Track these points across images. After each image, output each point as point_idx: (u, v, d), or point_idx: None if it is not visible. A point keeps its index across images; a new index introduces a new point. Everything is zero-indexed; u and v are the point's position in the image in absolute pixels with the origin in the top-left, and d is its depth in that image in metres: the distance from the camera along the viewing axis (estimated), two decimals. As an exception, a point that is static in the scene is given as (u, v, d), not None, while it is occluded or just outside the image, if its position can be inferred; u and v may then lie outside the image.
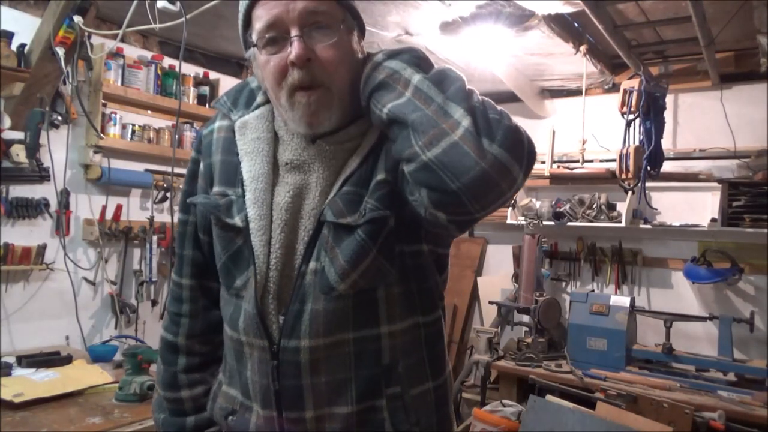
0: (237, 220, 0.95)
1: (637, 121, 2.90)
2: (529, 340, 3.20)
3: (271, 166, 0.96)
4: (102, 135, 2.69)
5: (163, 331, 1.15)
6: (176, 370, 1.11)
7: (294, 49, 0.87)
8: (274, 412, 0.93)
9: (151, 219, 2.95)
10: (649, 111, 2.88)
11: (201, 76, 3.27)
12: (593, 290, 3.50)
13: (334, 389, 0.92)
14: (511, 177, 0.80)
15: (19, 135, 2.42)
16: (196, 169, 1.07)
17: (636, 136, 2.92)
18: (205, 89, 3.26)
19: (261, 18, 0.90)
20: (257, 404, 0.96)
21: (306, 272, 0.91)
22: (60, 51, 2.35)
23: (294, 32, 0.87)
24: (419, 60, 0.90)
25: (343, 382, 0.92)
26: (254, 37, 0.92)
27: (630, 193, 3.13)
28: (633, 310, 3.03)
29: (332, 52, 0.89)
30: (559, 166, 3.54)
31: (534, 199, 3.67)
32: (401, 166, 0.87)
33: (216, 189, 1.00)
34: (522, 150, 0.82)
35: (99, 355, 2.38)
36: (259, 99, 1.03)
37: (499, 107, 0.85)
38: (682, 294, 3.32)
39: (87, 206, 2.80)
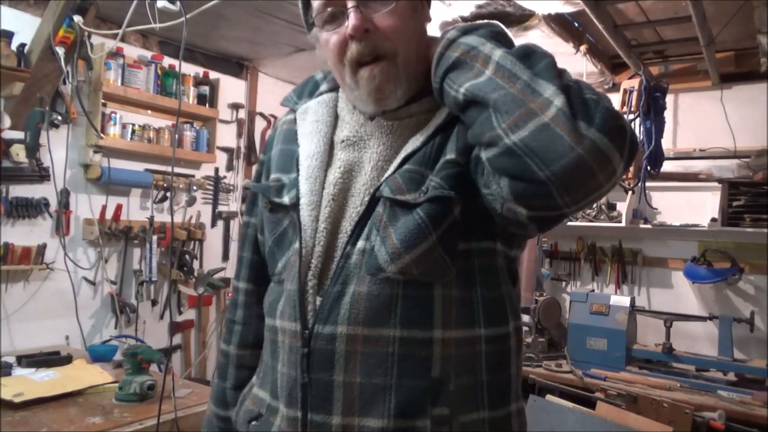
0: (285, 199, 0.91)
1: (637, 121, 2.90)
2: (529, 340, 3.20)
3: (327, 146, 0.92)
4: (102, 135, 2.69)
5: (221, 343, 1.11)
6: (226, 385, 1.06)
7: (351, 21, 0.82)
8: (299, 412, 0.83)
9: (151, 219, 2.95)
10: (649, 111, 2.88)
11: (201, 76, 3.27)
12: (593, 290, 3.50)
13: (370, 395, 0.80)
14: (611, 167, 0.70)
15: (19, 135, 2.42)
16: (261, 169, 1.05)
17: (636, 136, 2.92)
18: (205, 89, 3.26)
19: None
20: (283, 403, 0.86)
21: (352, 252, 0.82)
22: (60, 51, 2.35)
23: (350, 3, 0.83)
24: (498, 35, 0.81)
25: (381, 388, 0.79)
26: (313, 16, 0.89)
27: (630, 193, 3.13)
28: (633, 310, 3.03)
29: (392, 19, 0.84)
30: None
31: (534, 199, 3.66)
32: (477, 152, 0.78)
33: (272, 176, 0.97)
34: (624, 136, 0.71)
35: (99, 355, 2.38)
36: (323, 87, 1.01)
37: (594, 88, 0.74)
38: (682, 294, 3.32)
39: (87, 206, 2.80)
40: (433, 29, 0.94)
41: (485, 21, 0.85)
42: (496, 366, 0.85)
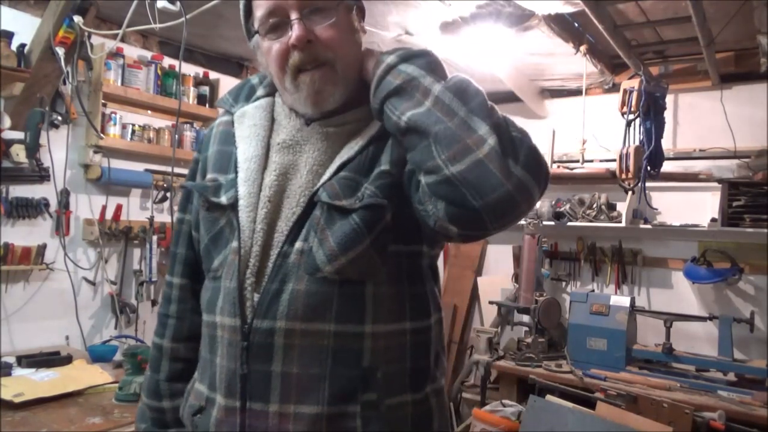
0: (223, 199, 0.95)
1: (637, 121, 2.90)
2: (529, 340, 3.20)
3: (264, 150, 0.97)
4: (102, 135, 2.69)
5: (153, 336, 1.14)
6: (159, 377, 1.09)
7: (294, 32, 0.88)
8: (238, 401, 0.88)
9: (151, 219, 2.95)
10: (649, 111, 2.88)
11: (201, 76, 3.27)
12: (593, 290, 3.50)
13: (306, 384, 0.86)
14: (531, 198, 0.82)
15: (19, 135, 2.42)
16: (195, 168, 1.09)
17: (636, 136, 2.92)
18: (205, 89, 3.26)
19: (261, 5, 0.92)
20: (220, 394, 0.91)
21: (290, 252, 0.88)
22: (60, 51, 2.35)
23: (293, 15, 0.89)
24: (435, 66, 0.89)
25: (316, 378, 0.86)
26: (256, 25, 0.94)
27: (630, 193, 3.12)
28: (633, 310, 3.03)
29: (332, 31, 0.90)
30: (559, 166, 3.54)
31: (534, 199, 3.66)
32: (415, 174, 0.86)
33: (209, 176, 1.01)
34: (542, 171, 0.83)
35: (99, 355, 2.38)
36: (260, 92, 1.05)
37: (518, 125, 0.85)
38: (682, 294, 3.32)
39: (87, 206, 2.80)
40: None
41: (421, 50, 0.92)
42: (418, 354, 0.95)
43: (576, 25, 2.91)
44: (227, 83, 3.42)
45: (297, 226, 0.89)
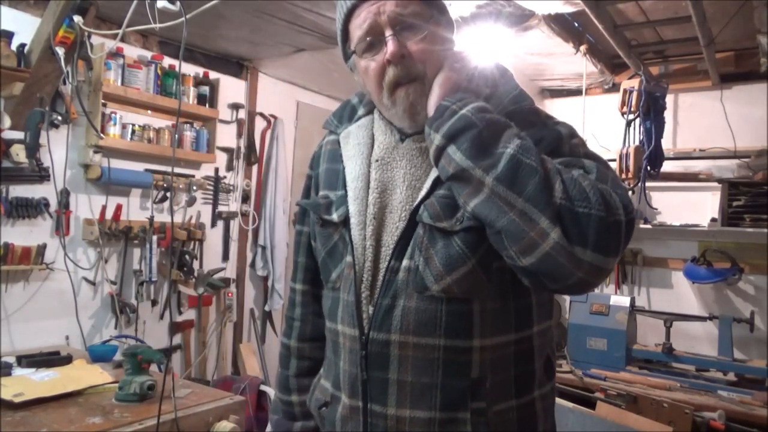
0: (334, 216, 1.03)
1: (637, 121, 2.91)
2: (529, 340, 3.20)
3: (367, 168, 1.03)
4: (102, 135, 2.69)
5: (282, 336, 1.25)
6: (289, 374, 1.20)
7: (389, 47, 0.93)
8: (360, 402, 0.96)
9: (151, 219, 2.95)
10: (649, 111, 2.88)
11: (201, 76, 3.27)
12: (593, 290, 3.50)
13: (418, 392, 0.93)
14: (607, 272, 0.83)
15: (19, 135, 2.42)
16: (308, 184, 1.18)
17: (636, 136, 2.92)
18: (205, 89, 3.26)
19: (358, 27, 0.97)
20: (345, 394, 1.00)
21: (399, 269, 0.94)
22: (60, 51, 2.34)
23: (387, 33, 0.94)
24: (484, 143, 0.85)
25: (428, 387, 0.93)
26: (352, 46, 1.00)
27: (630, 193, 3.13)
28: (633, 310, 3.03)
29: (423, 45, 0.95)
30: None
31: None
32: None
33: (321, 193, 1.10)
34: (618, 240, 0.81)
35: (99, 355, 2.38)
36: (360, 112, 1.12)
37: (588, 180, 0.82)
38: (682, 294, 3.32)
39: (87, 206, 2.80)
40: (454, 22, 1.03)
41: (468, 118, 0.87)
42: (523, 362, 0.98)
43: (576, 25, 2.91)
44: (227, 83, 3.42)
45: (402, 243, 0.95)
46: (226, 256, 3.51)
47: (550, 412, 1.04)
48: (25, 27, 2.44)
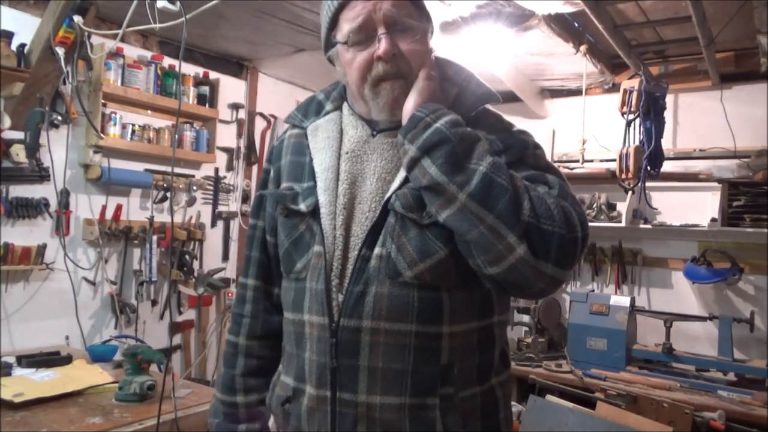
0: (302, 207, 1.03)
1: (637, 121, 2.90)
2: (529, 340, 3.20)
3: (337, 160, 1.05)
4: (102, 135, 2.69)
5: (227, 334, 1.21)
6: (235, 372, 1.16)
7: (382, 45, 0.97)
8: (328, 391, 0.97)
9: (151, 219, 2.95)
10: (649, 111, 2.87)
11: (201, 76, 3.27)
12: (593, 290, 3.50)
13: (390, 378, 0.94)
14: (563, 282, 0.93)
15: (19, 135, 2.42)
16: (266, 177, 1.18)
17: (636, 136, 2.92)
18: (205, 89, 3.26)
19: (351, 20, 0.99)
20: (311, 385, 0.99)
21: (370, 256, 0.96)
22: (60, 51, 2.34)
23: (381, 31, 0.98)
24: (457, 159, 0.89)
25: (400, 373, 0.94)
26: (340, 37, 1.02)
27: (630, 193, 3.12)
28: (633, 310, 3.03)
29: (414, 47, 1.00)
30: (559, 166, 3.53)
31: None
32: None
33: (284, 185, 1.10)
34: (574, 256, 0.90)
35: (99, 355, 2.38)
36: (328, 107, 1.13)
37: (553, 198, 0.90)
38: (682, 294, 3.32)
39: (87, 206, 2.80)
40: (434, 30, 1.07)
41: (443, 132, 0.91)
42: (484, 349, 1.03)
43: (576, 25, 2.91)
44: (227, 83, 3.42)
45: (373, 232, 0.97)
46: (226, 256, 3.51)
47: (509, 400, 1.09)
48: (25, 27, 2.44)
